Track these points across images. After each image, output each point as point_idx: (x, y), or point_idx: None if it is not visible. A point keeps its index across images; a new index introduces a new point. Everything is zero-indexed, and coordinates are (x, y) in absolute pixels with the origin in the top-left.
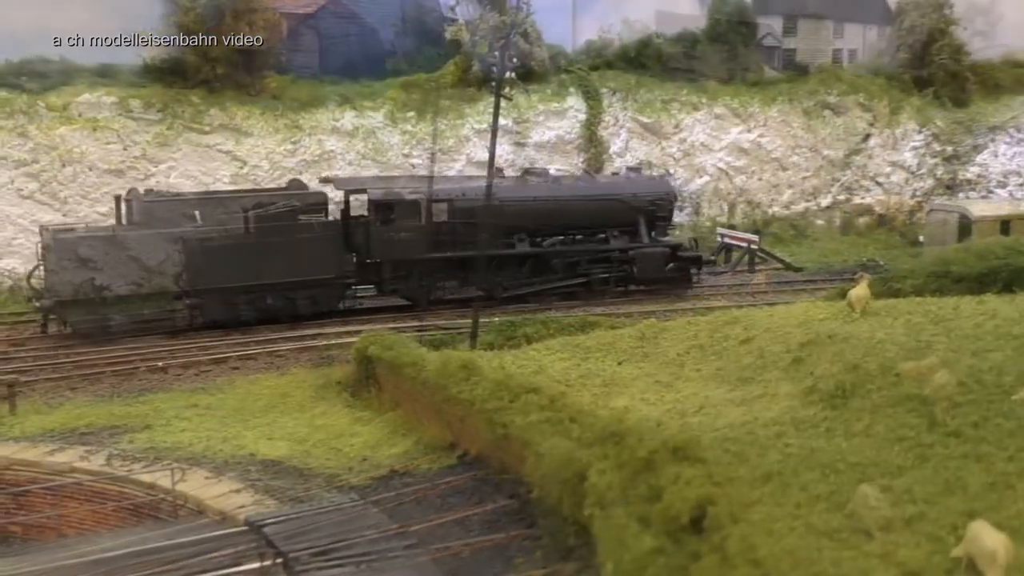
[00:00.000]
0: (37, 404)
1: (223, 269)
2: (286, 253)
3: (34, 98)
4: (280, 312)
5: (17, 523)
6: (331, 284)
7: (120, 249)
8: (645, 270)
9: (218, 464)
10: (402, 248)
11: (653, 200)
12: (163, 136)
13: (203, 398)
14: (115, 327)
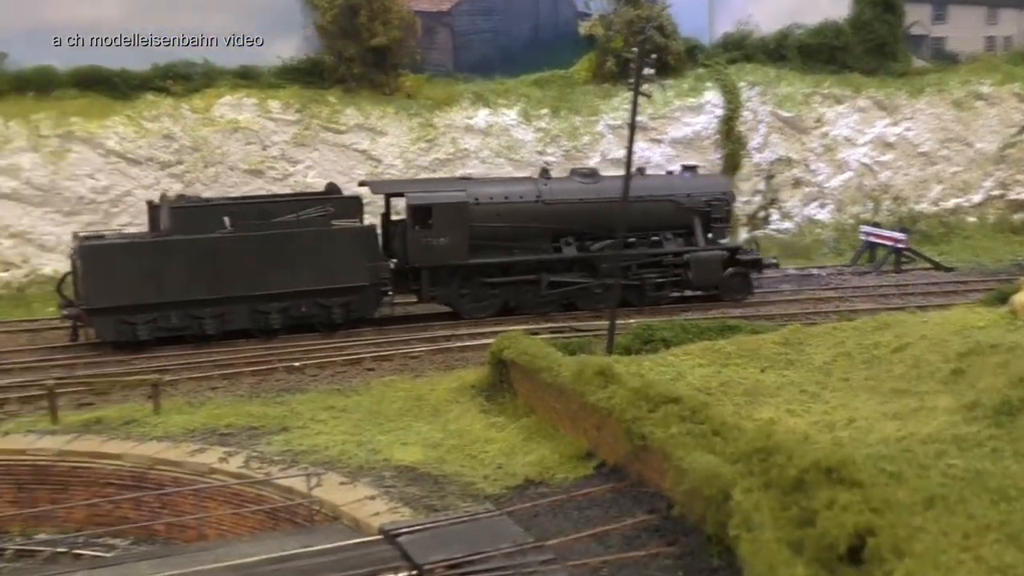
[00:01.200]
0: (180, 404)
1: (249, 276)
2: (317, 259)
3: (179, 101)
4: (314, 320)
5: (162, 523)
6: (366, 291)
7: (148, 256)
8: (700, 275)
9: (352, 469)
10: (441, 254)
11: (709, 200)
12: (300, 136)
13: (339, 400)
14: (141, 335)
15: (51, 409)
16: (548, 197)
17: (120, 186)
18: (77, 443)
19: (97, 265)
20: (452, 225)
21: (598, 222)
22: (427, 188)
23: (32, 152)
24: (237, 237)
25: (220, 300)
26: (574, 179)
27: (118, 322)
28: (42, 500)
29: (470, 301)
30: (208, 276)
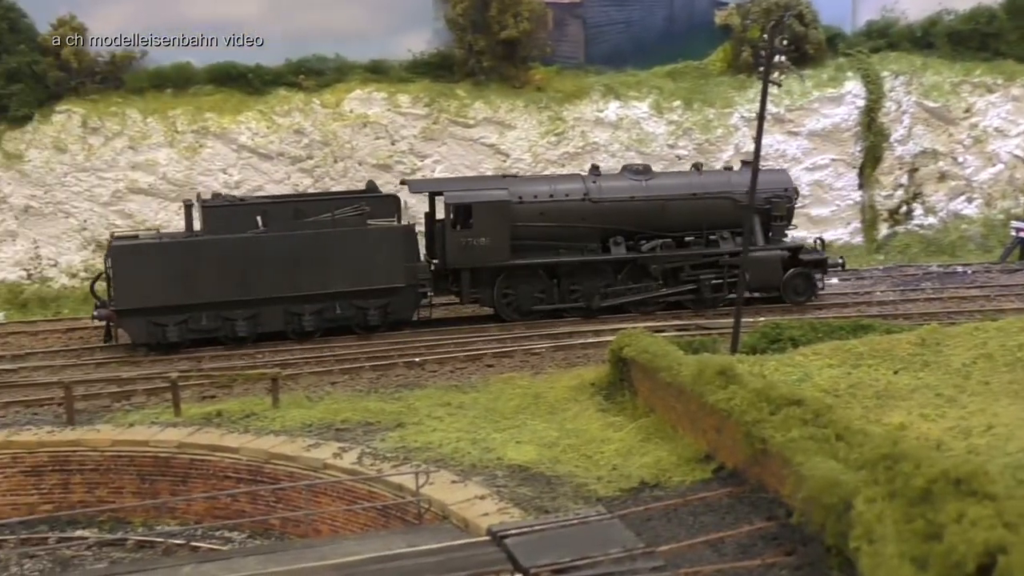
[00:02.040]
0: (299, 398)
1: (282, 277)
2: (352, 260)
3: (310, 96)
4: (350, 323)
5: (276, 517)
6: (403, 293)
7: (179, 257)
8: (759, 276)
9: (465, 468)
10: (481, 254)
11: (769, 197)
12: (429, 130)
13: (456, 396)
14: (171, 337)
15: (174, 401)
16: (596, 195)
17: (252, 181)
18: (197, 436)
19: (127, 266)
20: (493, 225)
21: (650, 221)
22: (467, 187)
23: (168, 147)
24: (269, 237)
25: (252, 301)
26: (625, 176)
27: (149, 323)
28: (163, 491)
29: (513, 304)
30: (240, 277)
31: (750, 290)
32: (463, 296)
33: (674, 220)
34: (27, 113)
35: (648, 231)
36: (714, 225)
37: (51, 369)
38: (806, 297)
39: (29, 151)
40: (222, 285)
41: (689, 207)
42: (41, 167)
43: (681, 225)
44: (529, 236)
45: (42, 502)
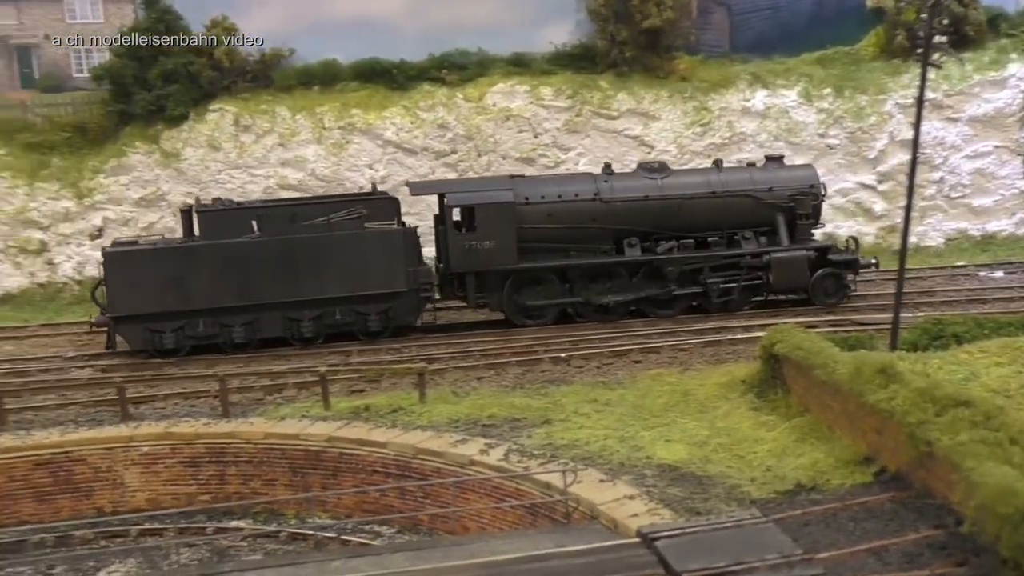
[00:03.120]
0: (445, 393)
1: (279, 282)
2: (350, 264)
3: (453, 90)
4: (351, 328)
5: (424, 513)
6: (405, 297)
7: (173, 262)
8: (782, 278)
9: (613, 466)
10: (486, 258)
11: (793, 195)
12: (572, 123)
13: (603, 393)
14: (167, 344)
15: (323, 396)
16: (607, 195)
17: (397, 176)
18: (346, 430)
19: (122, 272)
20: (497, 227)
21: (665, 221)
22: (471, 188)
23: (316, 144)
24: (264, 242)
25: (250, 307)
26: (639, 174)
27: (145, 330)
28: (314, 484)
29: (522, 308)
30: (236, 282)
31: (775, 292)
32: (469, 300)
33: (692, 220)
34: (183, 112)
35: (664, 232)
36: (735, 225)
37: (207, 363)
38: (837, 299)
39: (185, 149)
40: (218, 291)
41: (707, 206)
42: (196, 165)
43: (699, 225)
44: (537, 238)
45: (200, 492)
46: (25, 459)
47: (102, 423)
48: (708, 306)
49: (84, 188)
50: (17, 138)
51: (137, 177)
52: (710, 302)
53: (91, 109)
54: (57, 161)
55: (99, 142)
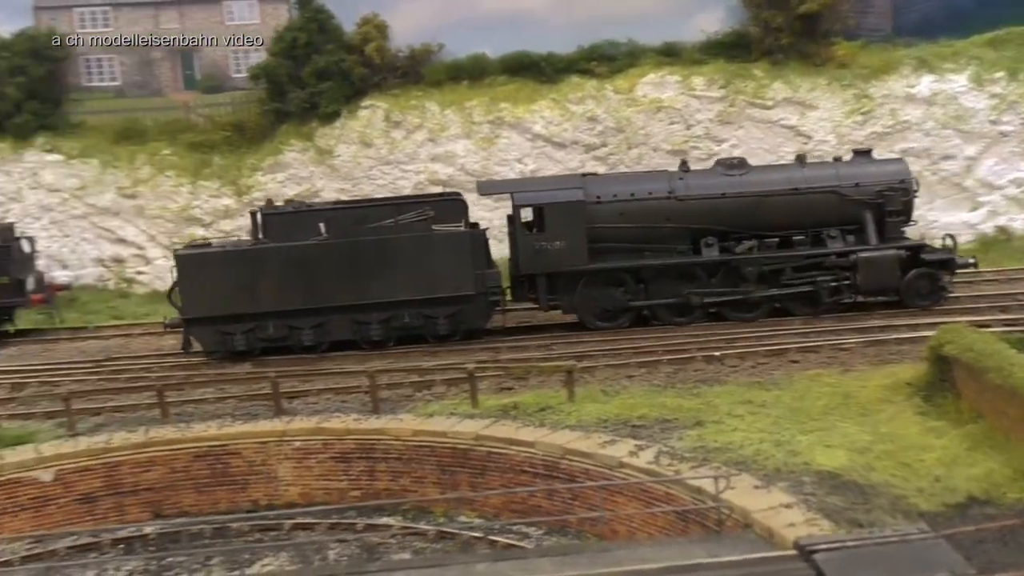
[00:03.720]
0: (594, 391)
1: (347, 285)
2: (417, 267)
3: (602, 82)
4: (420, 331)
5: (573, 515)
6: (474, 301)
7: (242, 265)
8: (871, 278)
9: (768, 472)
10: (555, 259)
11: (882, 190)
12: (725, 113)
13: (758, 394)
14: (238, 346)
15: (471, 393)
16: (683, 192)
17: (547, 170)
18: (494, 428)
19: (192, 274)
20: (567, 227)
21: (744, 220)
22: (540, 187)
23: (466, 139)
24: (331, 244)
25: (318, 310)
26: (717, 171)
27: (216, 332)
28: (462, 483)
29: (596, 310)
30: (304, 285)
31: (862, 293)
32: (541, 303)
33: (772, 218)
34: (336, 110)
35: (744, 231)
36: (820, 223)
37: (358, 358)
38: (932, 301)
39: (338, 146)
40: (286, 294)
41: (789, 203)
42: (349, 161)
43: (781, 223)
44: (609, 238)
45: (351, 488)
46: (186, 451)
47: (257, 417)
48: (792, 308)
49: (243, 186)
50: (181, 138)
51: (293, 174)
52: (794, 304)
53: (249, 108)
54: (218, 160)
55: (257, 140)
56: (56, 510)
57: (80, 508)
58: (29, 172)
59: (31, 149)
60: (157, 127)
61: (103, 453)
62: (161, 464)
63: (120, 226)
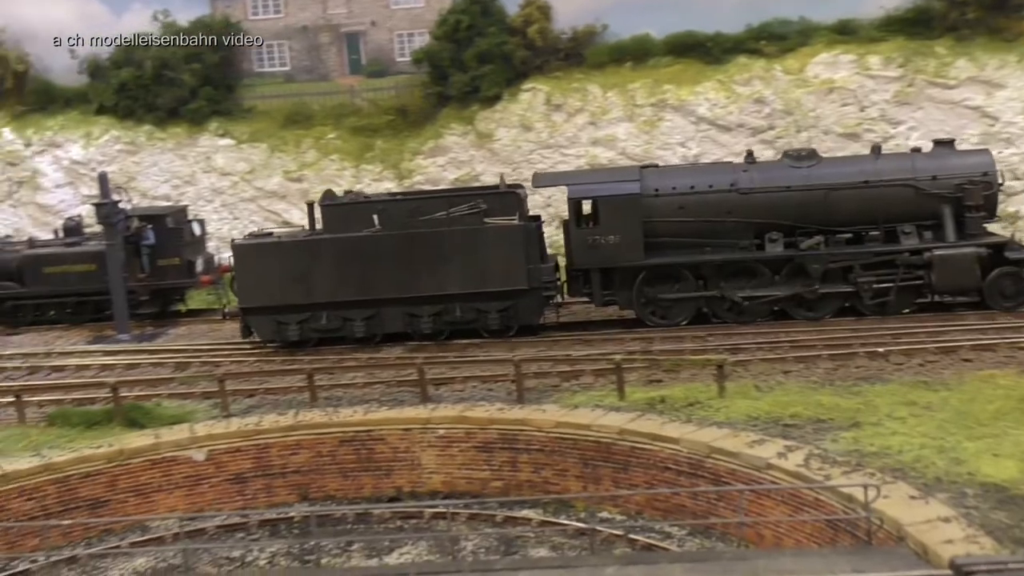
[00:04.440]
0: (747, 387)
1: (399, 277)
2: (469, 260)
3: (771, 62)
4: (473, 326)
5: (717, 517)
6: (526, 296)
7: (297, 256)
8: (947, 277)
9: (927, 481)
10: (610, 253)
11: (962, 184)
12: (903, 94)
13: (923, 395)
14: (291, 336)
15: (618, 385)
16: (746, 185)
17: (711, 154)
18: (638, 422)
19: (248, 264)
20: (622, 221)
21: (810, 214)
22: (595, 179)
23: (627, 122)
24: (384, 236)
25: (370, 302)
26: (783, 163)
27: (272, 321)
28: (604, 478)
29: (653, 307)
30: (356, 277)
31: (938, 292)
32: (595, 298)
33: (842, 213)
34: (496, 93)
35: (811, 225)
36: (894, 218)
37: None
38: (1017, 302)
39: (498, 130)
40: (339, 285)
41: (859, 197)
42: (509, 145)
43: (851, 218)
44: (668, 232)
45: (493, 478)
46: (332, 435)
47: (403, 403)
48: (861, 308)
49: (404, 169)
50: (345, 122)
51: (453, 158)
52: (863, 303)
53: (412, 92)
54: (380, 143)
55: (419, 124)
56: (208, 489)
57: (231, 488)
58: (202, 156)
59: (205, 134)
60: (323, 111)
61: (253, 435)
62: (308, 448)
63: (286, 209)
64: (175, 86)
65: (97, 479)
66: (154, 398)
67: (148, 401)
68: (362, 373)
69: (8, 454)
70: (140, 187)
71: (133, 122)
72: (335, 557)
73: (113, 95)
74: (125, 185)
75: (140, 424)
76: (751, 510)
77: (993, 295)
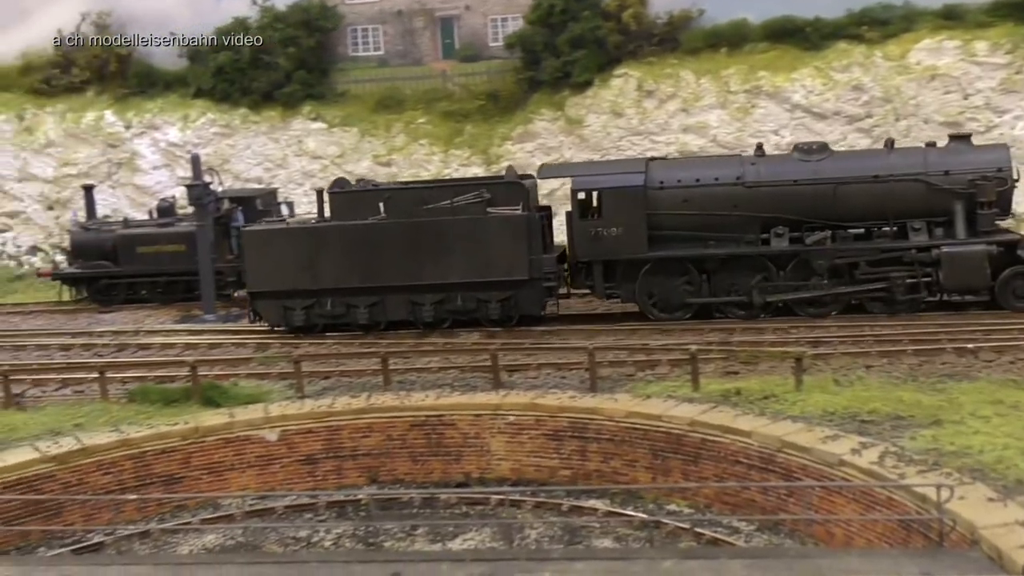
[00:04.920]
0: (826, 381)
1: (403, 265)
2: (471, 250)
3: (871, 48)
4: (474, 315)
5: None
6: (528, 287)
7: (303, 242)
8: (955, 276)
9: (1008, 483)
10: (612, 246)
11: (975, 180)
12: (1010, 81)
13: (1011, 393)
14: (296, 321)
15: (693, 376)
16: (752, 179)
17: None
18: (711, 414)
19: (256, 250)
20: (625, 213)
21: (818, 209)
22: (599, 171)
23: (720, 109)
24: (388, 224)
25: (375, 289)
26: (792, 156)
27: (279, 306)
28: (674, 469)
29: (657, 301)
30: (362, 264)
31: (947, 291)
32: (596, 291)
33: (851, 208)
34: (588, 78)
35: (819, 220)
36: (905, 214)
37: (586, 333)
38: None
39: (588, 116)
40: (344, 272)
41: (868, 192)
42: (599, 131)
43: (861, 214)
44: (672, 226)
45: (562, 467)
46: (403, 419)
47: (475, 389)
48: (870, 306)
49: (493, 155)
50: (436, 107)
51: (542, 144)
52: (872, 301)
53: (503, 77)
54: (470, 128)
55: (509, 110)
56: (280, 469)
57: (302, 468)
58: (295, 139)
59: (298, 117)
60: (415, 96)
61: (325, 416)
62: (379, 431)
63: None
64: (271, 70)
65: (172, 455)
66: (232, 378)
67: (226, 381)
68: (437, 358)
69: (89, 428)
70: (233, 169)
71: (229, 105)
72: (399, 540)
73: (211, 79)
74: (219, 167)
75: (216, 403)
76: (821, 507)
77: (1005, 295)
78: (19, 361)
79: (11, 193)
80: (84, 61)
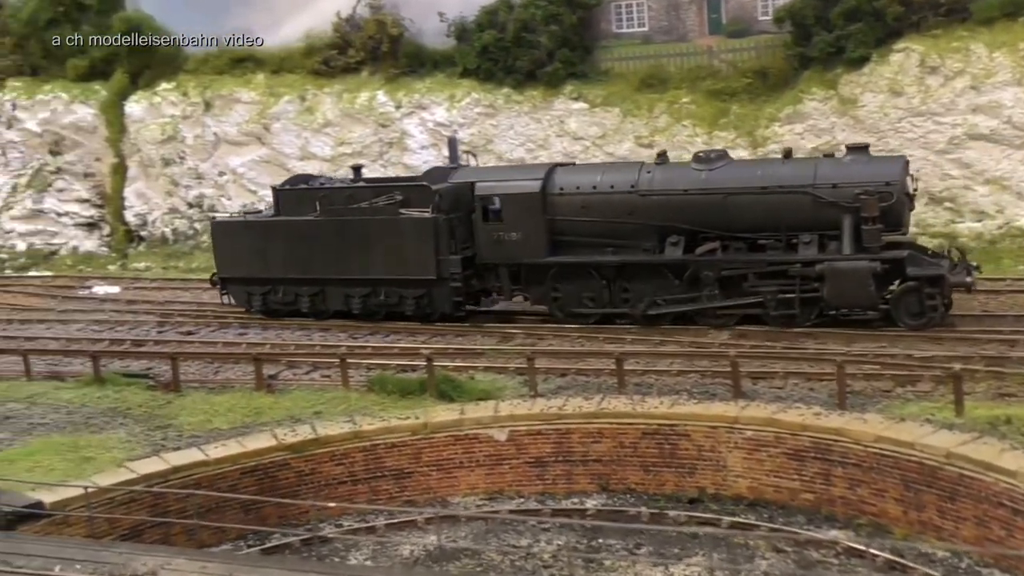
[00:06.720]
0: None
1: (334, 260)
2: (388, 248)
3: None
4: (397, 309)
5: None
6: (438, 286)
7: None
8: (838, 291)
9: None
10: (513, 250)
11: (859, 192)
12: None
13: None
14: (255, 306)
15: (956, 399)
16: (645, 187)
17: None
18: (972, 446)
19: (222, 239)
20: (525, 218)
21: (709, 219)
22: (502, 176)
23: (1016, 86)
24: (323, 221)
25: (315, 280)
26: (689, 165)
27: (244, 291)
28: (928, 505)
29: (562, 304)
30: (301, 257)
31: (832, 307)
32: (504, 292)
33: (741, 219)
34: (864, 54)
35: (712, 231)
36: (794, 226)
37: (845, 338)
38: (922, 322)
39: (864, 95)
40: (288, 263)
41: (757, 203)
42: (875, 112)
43: (751, 225)
44: (572, 231)
45: (803, 490)
46: (635, 426)
47: (714, 397)
48: (765, 318)
49: (759, 137)
50: (701, 85)
51: (812, 125)
52: (767, 314)
53: (772, 53)
54: (736, 109)
55: (777, 88)
56: (508, 470)
57: (531, 471)
58: (556, 120)
59: (560, 97)
60: (679, 74)
61: (555, 419)
62: (609, 437)
63: None
64: (533, 48)
65: (402, 450)
66: (469, 371)
67: (463, 374)
68: (679, 360)
69: (327, 416)
70: (496, 150)
71: (493, 85)
72: (620, 559)
73: (475, 58)
74: (482, 148)
75: (450, 397)
76: None
77: (899, 311)
78: (283, 342)
79: (293, 171)
80: (359, 42)
